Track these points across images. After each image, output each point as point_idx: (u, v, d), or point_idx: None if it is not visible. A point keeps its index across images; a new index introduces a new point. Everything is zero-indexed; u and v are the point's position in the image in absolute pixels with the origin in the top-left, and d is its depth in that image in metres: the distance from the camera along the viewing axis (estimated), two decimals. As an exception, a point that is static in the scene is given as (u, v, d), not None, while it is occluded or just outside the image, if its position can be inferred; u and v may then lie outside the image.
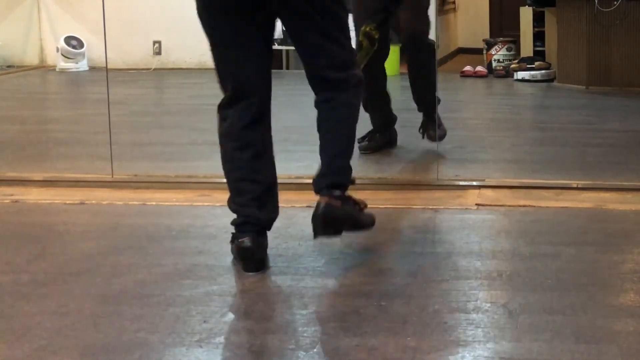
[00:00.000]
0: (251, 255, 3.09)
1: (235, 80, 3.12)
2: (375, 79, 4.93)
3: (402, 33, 5.06)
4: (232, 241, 3.18)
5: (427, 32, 5.03)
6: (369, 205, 3.88)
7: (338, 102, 3.13)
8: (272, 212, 3.18)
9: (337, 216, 3.07)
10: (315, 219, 3.07)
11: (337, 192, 3.08)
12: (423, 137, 5.10)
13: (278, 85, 3.12)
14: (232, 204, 3.17)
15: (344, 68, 3.14)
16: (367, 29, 4.76)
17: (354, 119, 3.19)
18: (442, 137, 5.00)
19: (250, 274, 3.05)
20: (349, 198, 3.14)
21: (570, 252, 3.28)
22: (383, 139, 5.07)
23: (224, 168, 3.19)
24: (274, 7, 3.06)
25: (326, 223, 3.06)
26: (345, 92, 3.14)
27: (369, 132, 5.03)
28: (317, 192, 3.11)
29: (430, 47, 5.03)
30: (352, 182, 3.18)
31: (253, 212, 3.12)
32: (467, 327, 2.57)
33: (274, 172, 3.20)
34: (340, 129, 3.14)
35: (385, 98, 5.11)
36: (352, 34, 4.73)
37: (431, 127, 5.04)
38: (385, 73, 5.06)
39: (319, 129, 3.16)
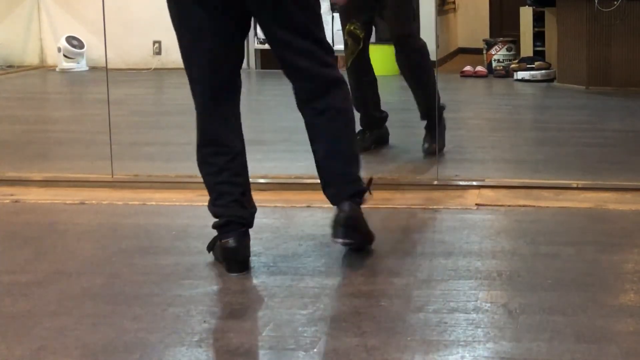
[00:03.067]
0: (235, 256, 3.07)
1: (209, 82, 3.09)
2: (361, 80, 4.94)
3: (391, 32, 5.03)
4: (213, 243, 3.17)
5: (413, 35, 4.92)
6: (369, 206, 3.89)
7: (333, 112, 3.09)
8: (252, 207, 3.18)
9: (361, 223, 3.09)
10: (338, 221, 3.05)
11: (359, 200, 3.11)
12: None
13: (277, 86, 3.13)
14: (213, 207, 3.15)
15: (324, 65, 3.10)
16: (352, 27, 4.77)
17: (351, 123, 3.16)
18: (440, 150, 4.85)
19: (234, 275, 3.04)
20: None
21: (570, 252, 3.28)
22: (372, 138, 5.07)
23: (201, 172, 3.17)
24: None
25: (350, 226, 3.06)
26: (331, 96, 3.09)
27: (360, 131, 5.03)
28: (337, 203, 3.09)
29: (421, 50, 4.89)
30: (366, 190, 3.18)
31: (236, 211, 3.11)
32: (467, 327, 2.57)
33: (247, 171, 3.19)
34: (344, 139, 3.12)
35: (372, 98, 5.07)
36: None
37: (427, 137, 4.95)
38: (372, 74, 5.04)
39: (317, 139, 3.12)
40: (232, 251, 3.07)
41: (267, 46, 3.28)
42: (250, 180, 4.03)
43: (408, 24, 4.90)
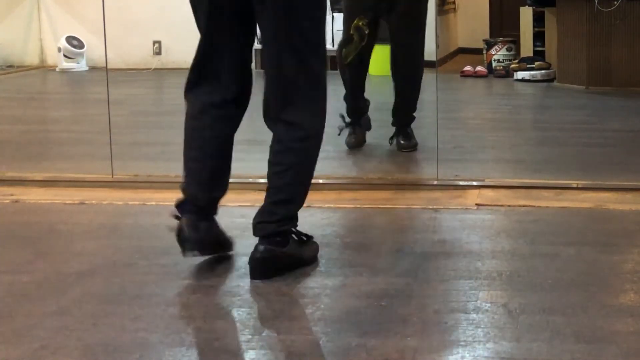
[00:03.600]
0: (186, 237, 3.07)
1: (205, 60, 3.08)
2: (358, 76, 5.02)
3: (391, 39, 5.05)
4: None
5: (415, 45, 4.98)
6: (369, 206, 3.89)
7: (282, 148, 3.02)
8: (216, 196, 3.15)
9: (275, 262, 3.00)
10: (253, 263, 2.99)
11: (278, 239, 3.01)
12: (390, 144, 5.10)
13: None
14: (182, 185, 3.17)
15: (302, 108, 3.02)
16: (360, 23, 4.78)
17: (307, 165, 3.06)
18: (413, 147, 5.01)
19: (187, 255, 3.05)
20: (290, 235, 3.06)
21: (570, 252, 3.28)
22: (362, 130, 5.15)
23: (184, 147, 3.17)
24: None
25: (264, 269, 2.99)
26: (293, 136, 3.01)
27: (349, 124, 5.07)
28: (256, 234, 3.03)
29: (419, 58, 4.99)
30: (296, 226, 3.08)
31: (194, 192, 3.11)
32: (467, 327, 2.57)
33: (228, 161, 3.17)
34: (287, 175, 3.02)
35: (362, 88, 5.14)
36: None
37: (402, 136, 5.07)
38: (366, 71, 5.08)
39: (268, 174, 3.06)
40: (181, 232, 3.08)
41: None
42: (250, 180, 4.05)
43: (413, 34, 4.92)
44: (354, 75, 5.03)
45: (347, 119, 5.11)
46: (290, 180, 3.03)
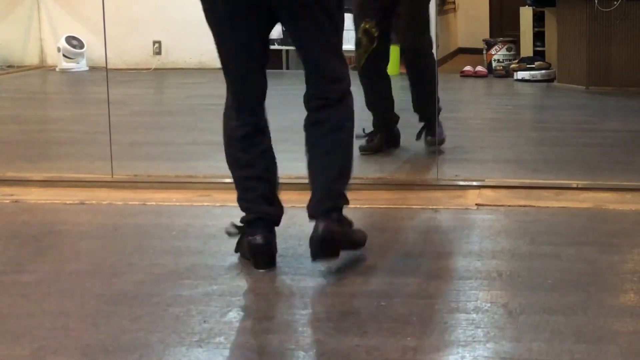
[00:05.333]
0: (263, 252, 3.09)
1: (239, 86, 3.14)
2: (375, 80, 4.94)
3: (401, 42, 5.04)
4: (241, 239, 3.18)
5: (424, 42, 4.97)
6: (369, 206, 3.89)
7: (328, 128, 3.09)
8: (280, 209, 3.20)
9: (337, 240, 3.04)
10: (315, 242, 3.02)
11: (335, 215, 3.06)
12: (418, 139, 5.07)
13: (278, 85, 3.14)
14: (242, 202, 3.18)
15: (339, 80, 3.12)
16: (367, 26, 4.76)
17: (348, 142, 3.14)
18: (441, 143, 4.96)
19: (261, 271, 3.06)
20: (344, 218, 3.13)
21: (570, 252, 3.28)
22: (382, 140, 5.06)
23: (230, 168, 3.20)
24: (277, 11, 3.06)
25: (327, 247, 3.03)
26: (335, 112, 3.10)
27: (370, 132, 5.02)
28: (313, 216, 3.07)
29: (429, 57, 4.95)
30: (347, 202, 3.16)
31: (264, 208, 3.13)
32: (467, 327, 2.57)
33: (276, 169, 3.21)
34: (334, 154, 3.10)
35: (386, 99, 5.08)
36: (351, 33, 4.76)
37: (430, 132, 5.01)
38: (387, 75, 5.04)
39: (310, 154, 3.13)
40: (260, 248, 3.09)
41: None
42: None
43: (421, 32, 4.91)
44: (370, 81, 4.94)
45: (365, 131, 4.99)
46: (339, 159, 3.11)
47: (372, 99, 4.96)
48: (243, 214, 3.18)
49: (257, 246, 3.10)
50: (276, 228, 3.18)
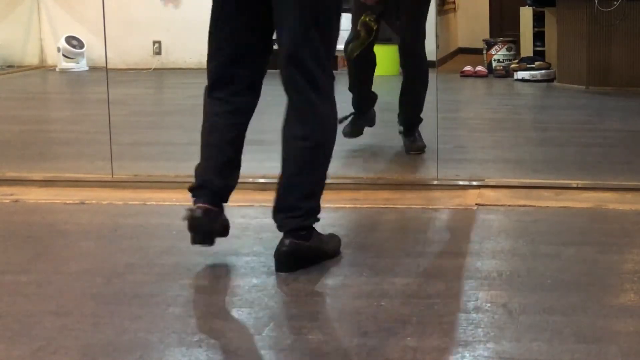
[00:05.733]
0: (198, 226, 3.08)
1: (222, 54, 3.15)
2: (363, 68, 4.99)
3: (399, 42, 5.05)
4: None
5: (418, 43, 4.96)
6: (369, 206, 3.89)
7: (303, 145, 3.03)
8: (230, 179, 3.18)
9: (301, 255, 3.05)
10: (279, 256, 3.04)
11: (303, 233, 3.05)
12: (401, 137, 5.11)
13: (276, 85, 3.12)
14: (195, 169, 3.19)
15: (317, 88, 3.06)
16: (367, 19, 4.79)
17: (322, 159, 3.09)
18: (421, 150, 4.97)
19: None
20: (313, 229, 3.11)
21: (570, 252, 3.28)
22: (364, 122, 5.13)
23: (202, 133, 3.23)
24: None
25: (290, 262, 3.04)
26: (313, 125, 3.04)
27: (351, 114, 5.06)
28: (279, 229, 3.07)
29: (422, 60, 4.97)
30: (318, 219, 3.12)
31: (211, 178, 3.12)
32: (467, 327, 2.57)
33: (240, 152, 3.19)
34: (305, 172, 3.06)
35: (369, 81, 5.12)
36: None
37: (409, 139, 5.04)
38: (373, 57, 5.06)
39: (286, 162, 3.08)
40: (195, 221, 3.08)
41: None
42: (250, 180, 4.05)
43: (416, 33, 4.92)
44: (359, 70, 5.02)
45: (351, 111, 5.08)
46: (310, 177, 3.07)
47: (357, 84, 5.05)
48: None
49: (191, 216, 3.08)
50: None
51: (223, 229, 3.16)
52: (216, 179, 3.13)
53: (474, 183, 4.26)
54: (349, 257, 3.23)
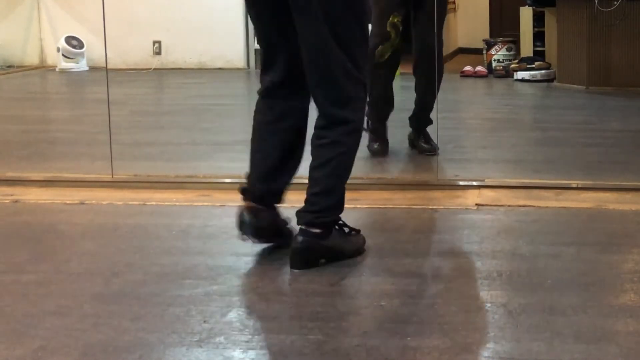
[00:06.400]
0: (242, 223, 3.18)
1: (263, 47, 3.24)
2: (390, 69, 4.95)
3: (415, 43, 5.00)
4: None
5: (438, 44, 4.92)
6: (369, 206, 3.89)
7: (325, 142, 3.09)
8: (272, 183, 3.24)
9: (314, 252, 3.08)
10: (293, 254, 3.08)
11: (317, 230, 3.08)
12: (410, 141, 5.10)
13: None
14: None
15: (345, 103, 3.10)
16: (395, 20, 4.77)
17: (343, 157, 3.12)
18: (433, 151, 4.94)
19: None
20: (332, 227, 3.14)
21: (570, 252, 3.28)
22: (386, 139, 5.07)
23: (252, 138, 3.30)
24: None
25: (302, 259, 3.07)
26: (337, 132, 3.09)
27: (374, 132, 5.01)
28: (298, 224, 3.13)
29: (440, 59, 4.95)
30: (338, 219, 3.16)
31: (254, 183, 3.22)
32: (467, 327, 2.56)
33: (287, 159, 3.23)
34: (325, 168, 3.10)
35: (392, 90, 5.08)
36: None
37: (422, 140, 5.02)
38: (398, 64, 5.04)
39: (309, 166, 3.15)
40: (241, 217, 3.20)
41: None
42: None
43: (433, 35, 4.89)
44: (387, 74, 4.96)
45: (369, 125, 4.98)
46: (330, 172, 3.10)
47: (383, 96, 4.96)
48: None
49: (240, 213, 3.20)
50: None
51: (275, 230, 3.23)
52: (258, 183, 3.22)
53: (474, 183, 4.26)
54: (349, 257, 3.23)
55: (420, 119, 5.05)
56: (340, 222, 3.19)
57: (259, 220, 3.19)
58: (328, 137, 3.09)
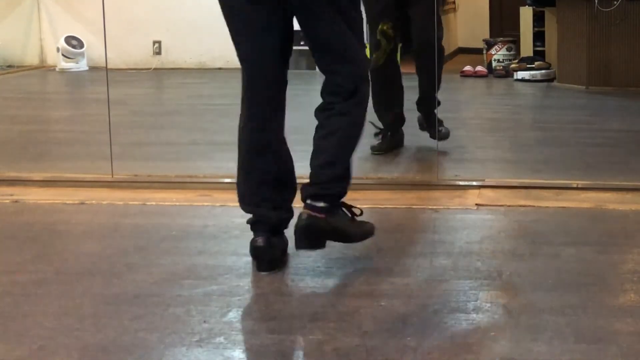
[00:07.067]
0: (262, 255, 3.08)
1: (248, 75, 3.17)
2: (387, 78, 4.95)
3: (415, 39, 5.01)
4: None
5: (434, 38, 4.93)
6: (369, 206, 3.88)
7: (334, 112, 3.06)
8: (285, 213, 3.17)
9: (319, 230, 3.01)
10: (296, 231, 3.02)
11: (321, 204, 3.02)
12: (423, 130, 5.12)
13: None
14: (245, 205, 3.17)
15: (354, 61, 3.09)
16: (384, 27, 4.79)
17: (351, 129, 3.09)
18: (446, 136, 4.99)
19: (263, 273, 3.05)
20: (339, 207, 3.09)
21: (570, 252, 3.28)
22: (394, 140, 5.06)
23: (239, 169, 3.18)
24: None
25: (307, 236, 3.01)
26: (345, 101, 3.06)
27: (381, 131, 5.01)
28: (302, 200, 3.07)
29: (439, 51, 4.96)
30: (343, 193, 3.10)
31: (265, 212, 3.12)
32: (467, 327, 2.57)
33: (286, 169, 3.18)
34: (332, 137, 3.05)
35: (400, 97, 5.09)
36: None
37: (432, 126, 5.05)
38: (399, 70, 5.05)
39: (313, 138, 3.11)
40: (258, 250, 3.08)
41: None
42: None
43: (433, 28, 4.90)
44: (389, 75, 4.97)
45: (379, 126, 5.01)
46: (336, 142, 3.05)
47: (383, 98, 4.95)
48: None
49: (256, 249, 3.09)
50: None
51: (282, 252, 3.17)
52: (269, 212, 3.13)
53: (474, 183, 4.26)
54: (349, 257, 3.23)
55: (426, 106, 5.06)
56: (349, 205, 3.13)
57: (274, 251, 3.12)
58: (335, 108, 3.05)
